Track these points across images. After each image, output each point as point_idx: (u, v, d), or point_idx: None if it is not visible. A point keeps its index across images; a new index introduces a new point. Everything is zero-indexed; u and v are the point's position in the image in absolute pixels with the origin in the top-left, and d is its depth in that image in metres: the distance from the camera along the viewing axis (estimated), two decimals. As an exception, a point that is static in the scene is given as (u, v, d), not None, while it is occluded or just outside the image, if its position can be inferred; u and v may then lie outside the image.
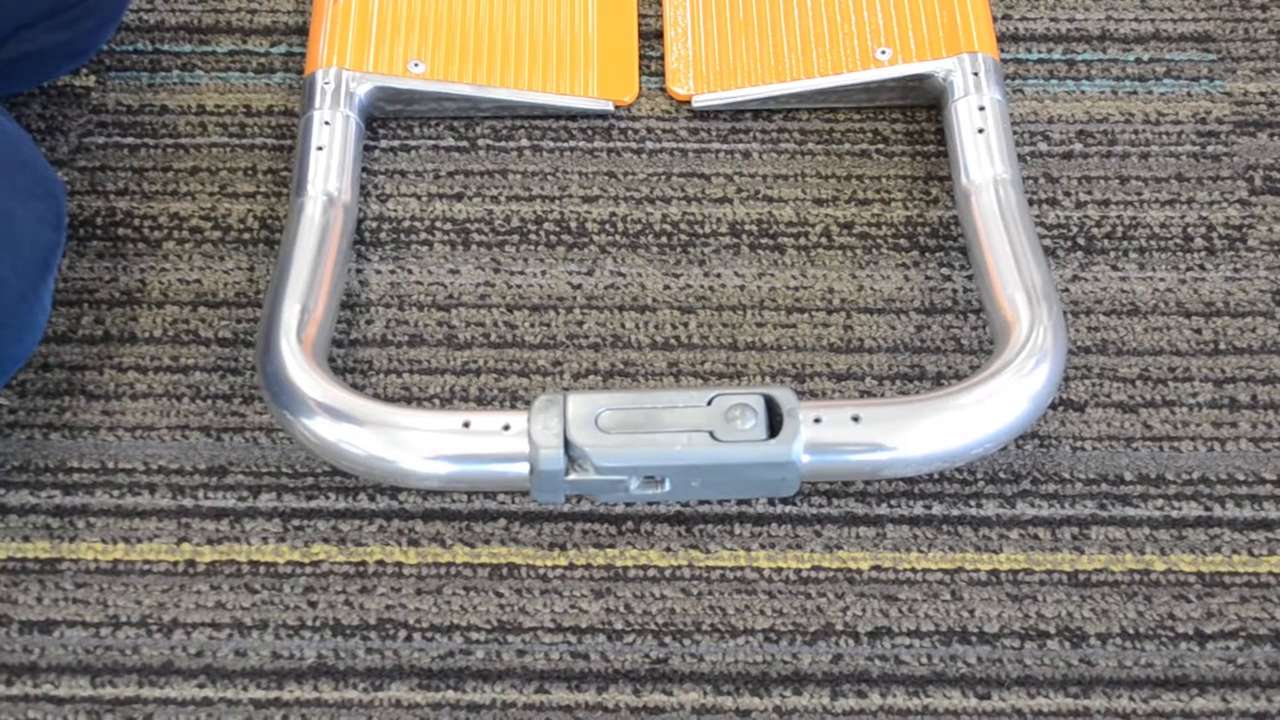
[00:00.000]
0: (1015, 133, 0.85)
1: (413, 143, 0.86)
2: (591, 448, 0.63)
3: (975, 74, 0.82)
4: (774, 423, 0.64)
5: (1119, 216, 0.83)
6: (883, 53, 0.84)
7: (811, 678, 0.69)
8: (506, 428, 0.66)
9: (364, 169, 0.84)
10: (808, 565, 0.72)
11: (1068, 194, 0.83)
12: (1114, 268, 0.81)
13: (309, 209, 0.77)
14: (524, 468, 0.65)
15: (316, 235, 0.76)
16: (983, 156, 0.78)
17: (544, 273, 0.81)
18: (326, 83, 0.82)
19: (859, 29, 0.85)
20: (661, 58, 0.89)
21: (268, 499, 0.74)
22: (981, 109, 0.80)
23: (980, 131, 0.79)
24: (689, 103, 0.86)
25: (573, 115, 0.86)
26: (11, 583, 0.72)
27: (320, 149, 0.79)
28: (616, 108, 0.87)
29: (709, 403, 0.64)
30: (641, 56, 0.89)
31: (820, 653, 0.70)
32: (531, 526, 0.73)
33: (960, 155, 0.79)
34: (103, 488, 0.74)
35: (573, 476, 0.64)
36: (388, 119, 0.86)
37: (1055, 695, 0.69)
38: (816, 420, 0.65)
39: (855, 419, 0.65)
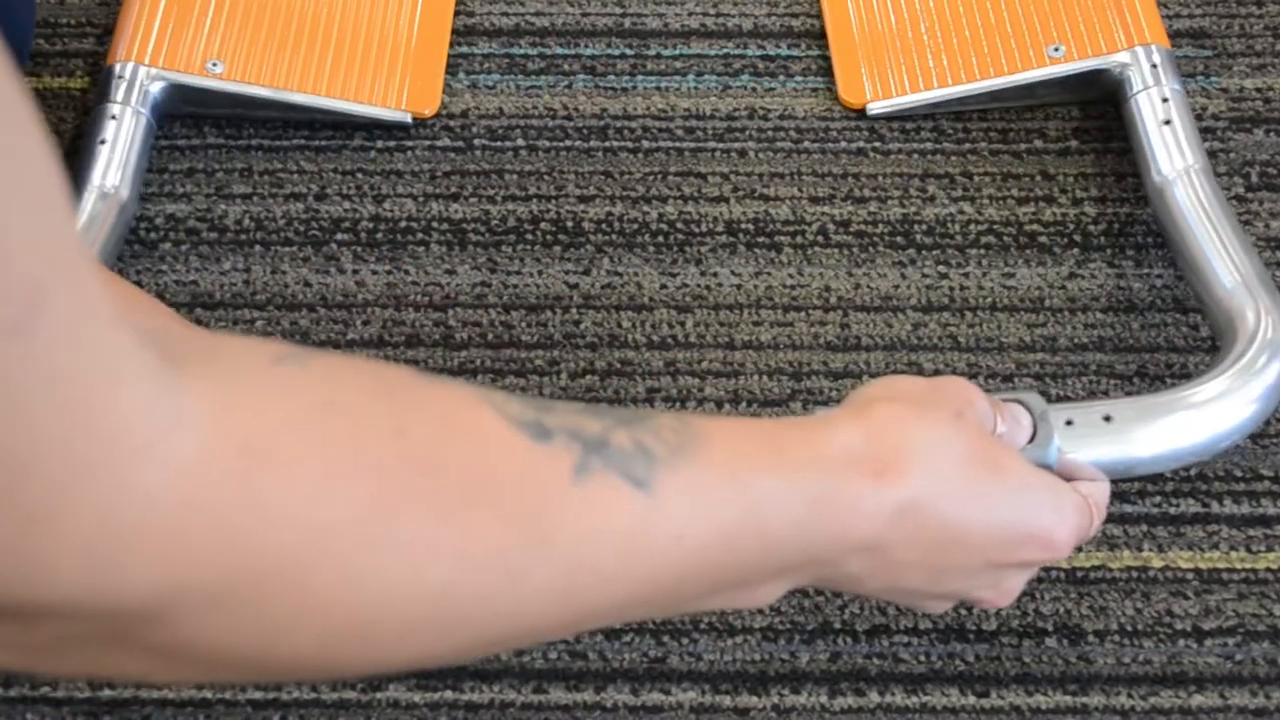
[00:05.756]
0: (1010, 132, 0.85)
1: (409, 143, 0.86)
2: None
3: (1154, 65, 0.81)
4: None
5: (1115, 213, 0.82)
6: (1055, 50, 0.84)
7: (810, 676, 0.69)
8: None
9: (360, 170, 0.84)
10: (805, 564, 0.72)
11: (1064, 191, 0.83)
12: (1110, 265, 0.81)
13: (82, 201, 0.77)
14: None
15: (80, 228, 0.76)
16: (1172, 149, 0.78)
17: (540, 272, 0.81)
18: (121, 77, 0.81)
19: (1029, 27, 0.85)
20: (672, 57, 0.89)
21: (265, 500, 0.74)
22: (1165, 100, 0.80)
23: (1166, 123, 0.79)
24: (863, 110, 0.86)
25: (376, 124, 0.85)
26: (9, 585, 0.72)
27: (103, 143, 0.79)
28: (415, 120, 0.86)
29: None
30: (637, 57, 0.89)
31: (818, 651, 0.70)
32: (529, 526, 0.73)
33: (1148, 150, 0.78)
34: (100, 490, 0.74)
35: None
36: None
37: (1053, 692, 0.69)
38: (1068, 423, 0.62)
39: (1107, 419, 0.63)
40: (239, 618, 0.37)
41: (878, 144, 0.85)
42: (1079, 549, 0.72)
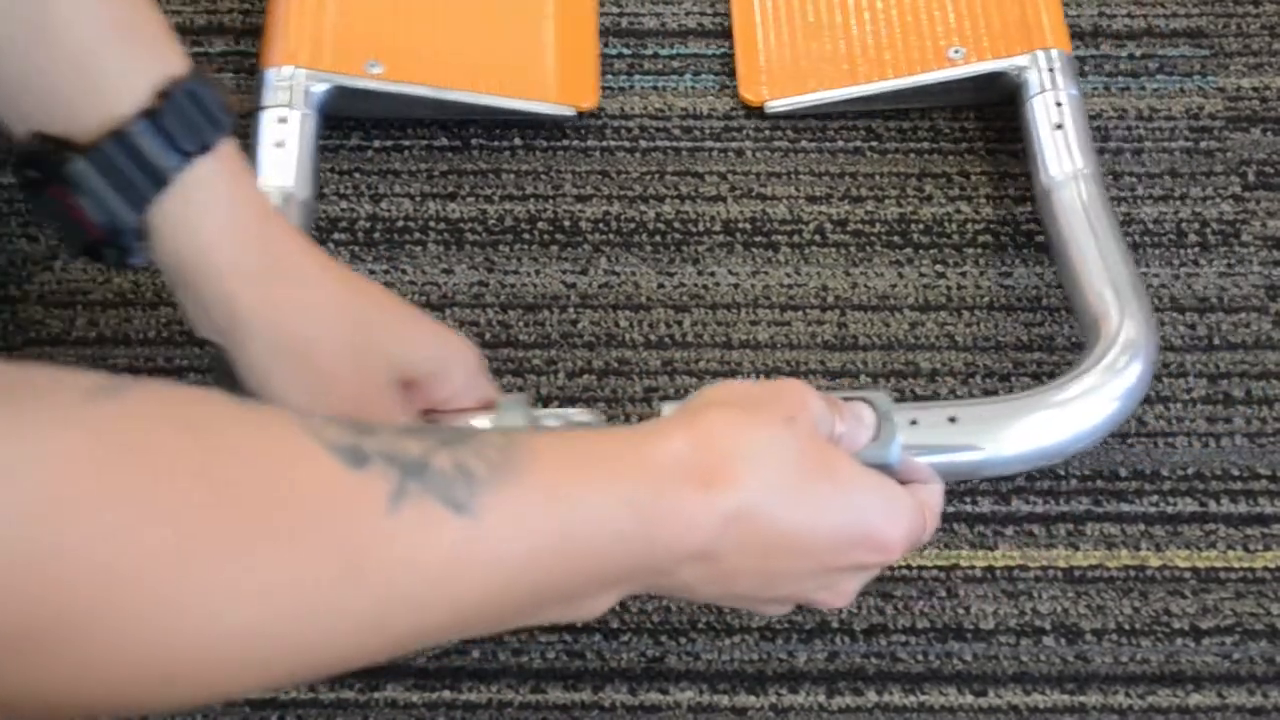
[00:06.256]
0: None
1: (405, 142, 0.85)
2: None
3: (1050, 70, 0.81)
4: None
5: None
6: (956, 52, 0.84)
7: (807, 675, 0.69)
8: None
9: (357, 169, 0.84)
10: (803, 563, 0.72)
11: (1061, 190, 0.83)
12: (1108, 264, 0.81)
13: None
14: None
15: None
16: (1062, 152, 0.78)
17: (538, 272, 0.81)
18: (281, 81, 0.81)
19: (930, 29, 0.85)
20: (669, 56, 0.89)
21: (262, 500, 0.74)
22: (1059, 105, 0.80)
23: (1058, 127, 0.79)
24: (760, 108, 0.86)
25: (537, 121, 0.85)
26: (6, 585, 0.72)
27: (279, 145, 0.78)
28: (579, 114, 0.86)
29: None
30: (634, 56, 0.89)
31: (816, 650, 0.70)
32: (526, 526, 0.73)
33: (1039, 152, 0.79)
34: (97, 489, 0.74)
35: None
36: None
37: (1051, 691, 0.69)
38: (913, 422, 0.63)
39: (952, 420, 0.64)
40: (39, 666, 0.37)
41: (875, 143, 0.85)
42: (1077, 547, 0.72)
